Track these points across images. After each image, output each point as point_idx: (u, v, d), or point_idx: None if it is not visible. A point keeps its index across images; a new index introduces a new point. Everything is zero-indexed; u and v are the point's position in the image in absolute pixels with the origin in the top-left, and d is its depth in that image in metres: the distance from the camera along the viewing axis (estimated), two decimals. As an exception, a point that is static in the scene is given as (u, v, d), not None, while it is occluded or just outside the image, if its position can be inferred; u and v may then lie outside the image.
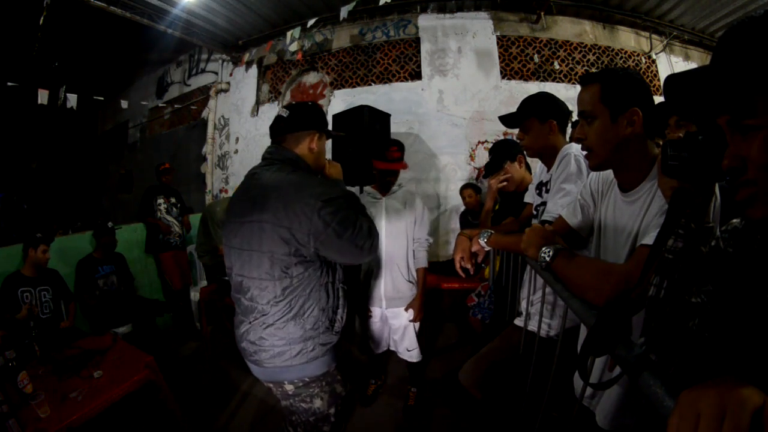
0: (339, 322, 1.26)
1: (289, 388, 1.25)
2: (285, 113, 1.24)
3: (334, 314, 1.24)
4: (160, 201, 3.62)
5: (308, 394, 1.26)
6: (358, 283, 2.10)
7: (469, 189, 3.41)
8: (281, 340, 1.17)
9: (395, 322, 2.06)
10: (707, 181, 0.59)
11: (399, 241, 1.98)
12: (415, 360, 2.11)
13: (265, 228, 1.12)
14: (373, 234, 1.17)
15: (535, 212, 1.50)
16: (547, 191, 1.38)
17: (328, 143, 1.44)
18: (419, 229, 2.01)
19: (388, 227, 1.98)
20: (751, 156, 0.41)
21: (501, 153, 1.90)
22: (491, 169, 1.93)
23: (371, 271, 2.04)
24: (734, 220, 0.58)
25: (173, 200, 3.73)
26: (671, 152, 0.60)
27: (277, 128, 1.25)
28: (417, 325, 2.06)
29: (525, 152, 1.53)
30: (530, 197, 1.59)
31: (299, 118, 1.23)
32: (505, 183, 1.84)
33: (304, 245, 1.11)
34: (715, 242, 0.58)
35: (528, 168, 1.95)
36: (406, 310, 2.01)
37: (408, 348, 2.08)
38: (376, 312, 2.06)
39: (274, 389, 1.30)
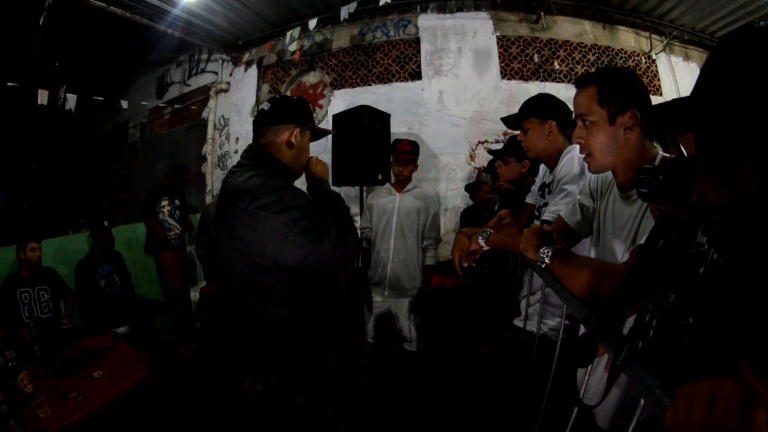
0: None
1: None
2: (266, 106, 1.18)
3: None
4: (164, 203, 3.57)
5: None
6: (359, 272, 2.19)
7: (486, 186, 3.44)
8: None
9: (397, 312, 2.15)
10: (684, 206, 0.56)
11: (407, 238, 2.06)
12: (412, 349, 2.19)
13: (224, 237, 1.10)
14: (343, 241, 1.03)
15: (537, 213, 1.50)
16: (550, 192, 1.38)
17: (328, 144, 1.41)
18: (430, 229, 2.11)
19: (399, 223, 2.06)
20: (711, 201, 0.41)
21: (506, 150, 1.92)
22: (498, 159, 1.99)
23: (378, 260, 2.12)
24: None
25: (177, 202, 3.71)
26: (642, 177, 0.60)
27: (258, 121, 1.19)
28: (418, 317, 2.15)
29: (526, 153, 1.52)
30: (532, 198, 1.59)
31: (279, 111, 1.16)
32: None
33: (260, 256, 1.01)
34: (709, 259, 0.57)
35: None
36: (410, 306, 2.09)
37: (407, 337, 2.17)
38: (378, 300, 2.16)
39: None
